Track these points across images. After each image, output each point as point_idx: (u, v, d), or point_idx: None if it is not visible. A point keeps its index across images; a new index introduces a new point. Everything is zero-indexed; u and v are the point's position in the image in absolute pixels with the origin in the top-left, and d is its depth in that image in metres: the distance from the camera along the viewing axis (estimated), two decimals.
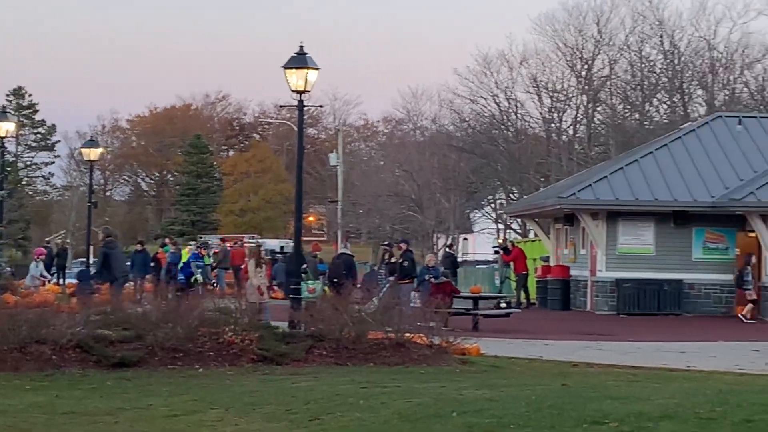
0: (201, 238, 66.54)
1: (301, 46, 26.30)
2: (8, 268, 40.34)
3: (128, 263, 46.19)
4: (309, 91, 26.60)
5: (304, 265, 40.03)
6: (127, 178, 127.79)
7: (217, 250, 52.49)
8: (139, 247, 48.40)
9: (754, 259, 39.24)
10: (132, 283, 43.37)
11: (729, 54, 77.94)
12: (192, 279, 43.67)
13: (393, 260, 41.17)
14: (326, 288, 36.45)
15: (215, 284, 48.13)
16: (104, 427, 15.46)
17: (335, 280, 36.67)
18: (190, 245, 51.65)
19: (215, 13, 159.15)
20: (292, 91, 26.57)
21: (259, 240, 64.31)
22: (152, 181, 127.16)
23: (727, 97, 75.79)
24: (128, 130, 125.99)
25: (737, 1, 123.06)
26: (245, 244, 53.63)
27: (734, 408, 14.48)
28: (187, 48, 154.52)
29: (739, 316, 38.47)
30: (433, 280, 37.01)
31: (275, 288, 46.53)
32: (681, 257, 41.72)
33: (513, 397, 16.68)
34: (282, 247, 65.40)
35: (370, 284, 39.05)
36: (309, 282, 37.58)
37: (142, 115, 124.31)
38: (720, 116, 49.43)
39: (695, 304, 41.19)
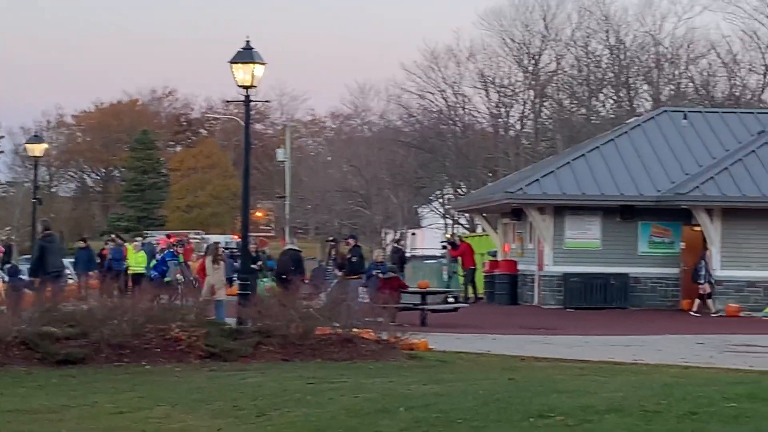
0: (146, 234, 66.19)
1: (248, 41, 26.26)
2: None
3: (71, 260, 46.06)
4: (256, 87, 26.61)
5: (260, 262, 40.06)
6: (72, 174, 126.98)
7: (164, 247, 52.35)
8: (82, 243, 48.12)
9: (709, 254, 39.40)
10: (76, 279, 43.22)
11: (674, 49, 78.55)
12: (166, 278, 43.24)
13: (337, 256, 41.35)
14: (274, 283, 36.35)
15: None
16: (49, 425, 15.38)
17: (283, 275, 36.68)
18: (136, 241, 51.34)
19: (161, 8, 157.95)
20: (239, 86, 26.54)
21: (204, 235, 64.28)
22: (98, 177, 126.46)
23: (672, 92, 76.29)
24: (73, 126, 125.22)
25: None
26: (190, 241, 53.59)
27: (679, 401, 14.59)
28: (133, 43, 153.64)
29: (691, 312, 38.69)
30: (381, 275, 37.12)
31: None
32: (627, 251, 41.94)
33: (461, 392, 16.73)
34: (227, 243, 65.24)
35: (318, 280, 39.03)
36: (265, 279, 37.55)
37: (88, 111, 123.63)
38: (665, 111, 49.71)
39: (641, 297, 41.42)
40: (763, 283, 39.57)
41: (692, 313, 38.25)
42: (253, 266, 37.05)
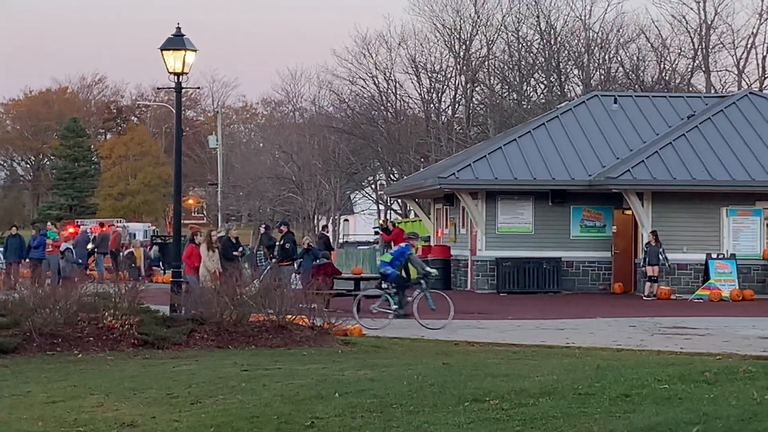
0: (79, 223, 65.70)
1: (179, 28, 26.11)
2: None
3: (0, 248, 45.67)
4: (187, 73, 26.44)
5: (241, 248, 39.96)
6: (1, 163, 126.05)
7: (96, 235, 52.05)
8: (13, 231, 47.72)
9: (653, 238, 39.54)
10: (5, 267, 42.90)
11: (604, 34, 78.99)
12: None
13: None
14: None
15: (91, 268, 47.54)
16: (24, 413, 15.29)
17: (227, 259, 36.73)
18: (69, 230, 51.09)
19: None
20: (170, 73, 26.39)
21: (126, 224, 63.92)
22: (28, 166, 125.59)
23: (602, 77, 76.74)
24: (2, 114, 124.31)
25: None
26: (116, 230, 53.35)
27: (612, 383, 14.69)
28: (61, 28, 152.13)
29: (645, 296, 38.94)
30: (318, 261, 37.18)
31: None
32: (559, 236, 42.16)
33: (395, 377, 16.76)
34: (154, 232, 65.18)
35: (251, 266, 38.95)
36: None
37: (17, 99, 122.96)
38: (596, 95, 49.94)
39: (573, 281, 41.70)
40: (693, 266, 39.93)
41: (645, 297, 38.48)
42: (234, 253, 37.07)
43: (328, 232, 69.41)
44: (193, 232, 39.63)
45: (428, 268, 32.01)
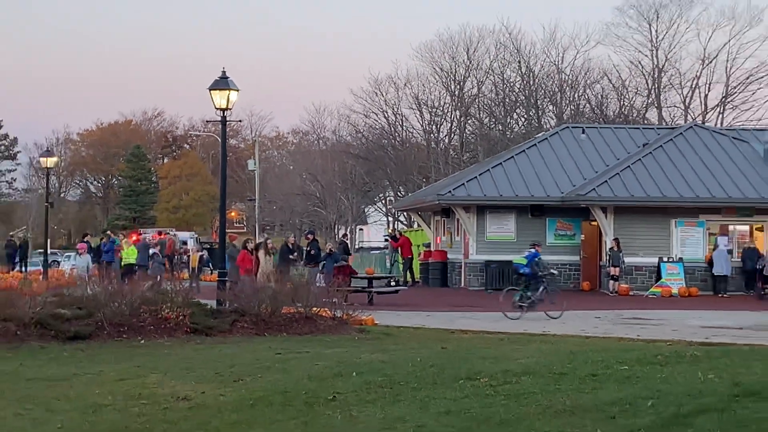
0: (141, 231, 65.69)
1: (224, 71, 26.09)
2: None
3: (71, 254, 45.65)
4: (230, 109, 26.40)
5: (295, 253, 40.00)
6: (78, 182, 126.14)
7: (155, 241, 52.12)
8: (84, 240, 47.73)
9: (615, 244, 39.55)
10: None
11: (574, 76, 78.98)
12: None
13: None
14: None
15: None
16: (62, 390, 15.29)
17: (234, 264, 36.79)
18: (133, 238, 51.05)
19: (152, 39, 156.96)
20: (216, 108, 26.36)
21: (176, 233, 63.85)
22: (99, 185, 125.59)
23: (572, 112, 76.67)
24: (78, 142, 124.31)
25: (580, 32, 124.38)
26: (171, 237, 53.33)
27: (581, 365, 14.69)
28: (127, 70, 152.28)
29: (609, 293, 38.92)
30: (338, 263, 37.27)
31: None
32: (536, 239, 42.01)
33: (402, 359, 16.77)
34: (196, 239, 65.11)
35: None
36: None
37: (90, 129, 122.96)
38: (567, 127, 49.89)
39: (549, 280, 41.61)
40: (648, 267, 39.91)
41: (610, 293, 38.42)
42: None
43: (347, 239, 69.46)
44: (245, 240, 39.75)
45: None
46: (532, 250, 31.42)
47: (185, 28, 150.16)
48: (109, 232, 57.68)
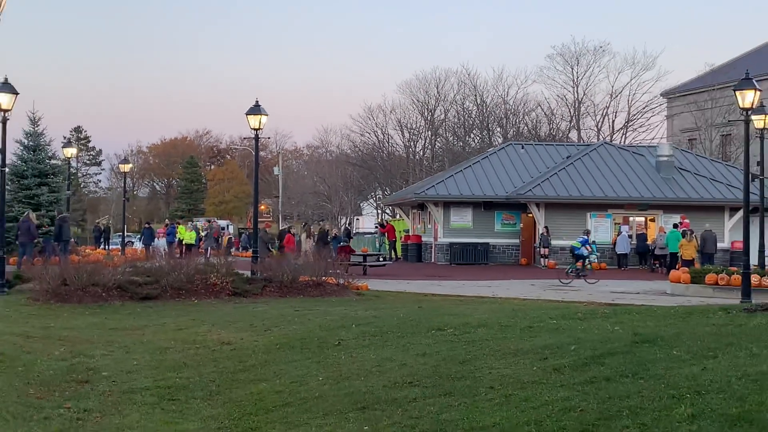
0: (191, 221, 65.49)
1: (257, 101, 26.06)
2: (73, 240, 39.50)
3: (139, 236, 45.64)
4: (262, 129, 26.41)
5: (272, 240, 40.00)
6: (146, 183, 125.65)
7: (206, 227, 52.16)
8: (147, 225, 47.61)
9: (545, 231, 39.71)
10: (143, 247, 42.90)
11: (516, 106, 79.04)
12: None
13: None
14: (273, 249, 36.10)
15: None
16: (136, 337, 15.35)
17: (281, 244, 36.87)
18: (189, 225, 51.04)
19: (203, 72, 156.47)
20: (251, 128, 26.35)
21: (218, 221, 63.59)
22: (162, 185, 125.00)
23: (515, 132, 76.43)
24: (147, 152, 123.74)
25: (520, 73, 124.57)
26: (216, 223, 53.23)
27: (522, 319, 14.74)
28: (183, 95, 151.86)
29: (540, 267, 39.10)
30: (341, 244, 37.48)
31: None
32: (488, 229, 42.09)
33: (388, 315, 16.82)
34: (238, 228, 65.01)
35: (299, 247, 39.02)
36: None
37: (156, 143, 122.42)
38: (511, 144, 49.98)
39: (497, 257, 41.64)
40: (568, 248, 39.96)
41: (541, 267, 38.54)
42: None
43: (350, 226, 69.51)
44: (288, 227, 40.06)
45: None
46: (584, 237, 32.05)
47: (229, 64, 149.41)
48: (168, 220, 57.63)
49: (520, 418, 7.82)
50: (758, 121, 27.93)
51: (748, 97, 21.93)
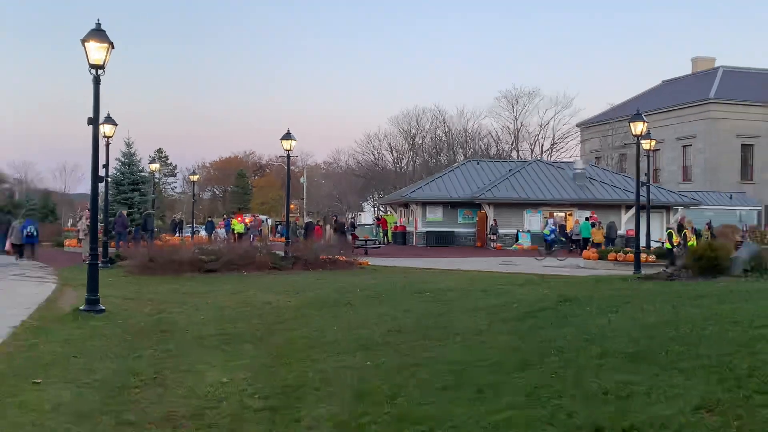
0: (229, 216, 65.24)
1: (288, 130, 25.80)
2: (156, 229, 39.39)
3: (203, 227, 45.57)
4: (292, 150, 26.25)
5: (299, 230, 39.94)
6: (209, 189, 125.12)
7: (252, 221, 52.02)
8: (209, 219, 47.63)
9: (494, 222, 39.75)
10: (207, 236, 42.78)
11: (474, 134, 79.18)
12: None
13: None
14: (300, 237, 36.00)
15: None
16: (202, 299, 15.22)
17: (306, 233, 36.72)
18: (240, 219, 50.85)
19: (250, 108, 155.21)
20: (284, 150, 26.19)
21: (260, 216, 63.26)
22: (220, 190, 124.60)
23: (471, 153, 76.49)
24: (209, 167, 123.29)
25: (476, 110, 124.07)
26: (259, 218, 52.96)
27: (478, 286, 14.73)
28: (235, 125, 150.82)
29: (488, 247, 39.05)
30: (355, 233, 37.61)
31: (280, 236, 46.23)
32: (453, 221, 42.02)
33: (384, 282, 16.79)
34: (275, 221, 64.77)
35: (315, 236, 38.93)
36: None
37: (215, 161, 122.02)
38: (469, 161, 49.91)
39: (459, 241, 41.55)
40: (511, 234, 40.00)
41: (491, 249, 38.51)
42: (345, 230, 37.76)
43: (355, 220, 69.45)
44: (317, 220, 39.91)
45: (562, 238, 33.95)
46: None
47: (271, 100, 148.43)
48: (225, 215, 57.49)
49: (478, 356, 7.80)
50: (645, 144, 27.98)
51: (638, 127, 22.26)
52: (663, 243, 26.23)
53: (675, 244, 22.55)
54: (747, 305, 8.48)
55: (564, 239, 34.39)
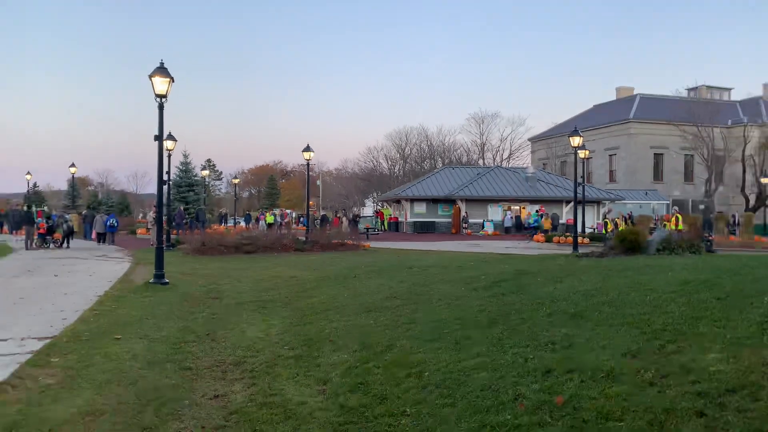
0: (264, 210, 65.04)
1: (308, 144, 25.73)
2: (207, 221, 39.31)
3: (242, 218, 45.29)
4: (311, 159, 26.13)
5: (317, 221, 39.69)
6: (247, 190, 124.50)
7: (280, 214, 51.75)
8: (247, 213, 47.51)
9: (466, 214, 39.66)
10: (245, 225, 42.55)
11: (449, 146, 79.11)
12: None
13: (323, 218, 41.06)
14: (317, 226, 35.78)
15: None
16: (243, 273, 15.11)
17: (322, 223, 36.54)
18: (271, 213, 50.57)
19: (277, 125, 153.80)
20: (305, 159, 26.02)
21: (286, 210, 62.81)
22: (255, 191, 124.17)
23: (448, 161, 76.44)
24: (246, 173, 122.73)
25: (452, 128, 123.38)
26: (285, 212, 52.63)
27: (454, 262, 14.69)
28: (267, 139, 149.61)
29: (461, 233, 38.90)
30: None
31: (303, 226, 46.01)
32: (434, 213, 41.76)
33: (382, 261, 16.72)
34: (298, 214, 64.49)
35: (329, 226, 38.74)
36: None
37: (252, 168, 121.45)
38: (446, 167, 49.63)
39: (439, 229, 41.27)
40: (479, 223, 39.90)
41: (463, 234, 38.34)
42: (357, 222, 37.70)
43: (358, 214, 69.18)
44: (335, 212, 39.57)
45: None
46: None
47: (294, 117, 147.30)
48: (260, 210, 57.14)
49: (456, 315, 7.78)
50: (582, 153, 27.94)
51: (576, 140, 22.25)
52: (595, 229, 26.24)
53: (609, 230, 22.59)
54: (660, 276, 8.47)
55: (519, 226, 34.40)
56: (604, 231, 23.39)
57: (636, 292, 7.37)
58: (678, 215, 23.57)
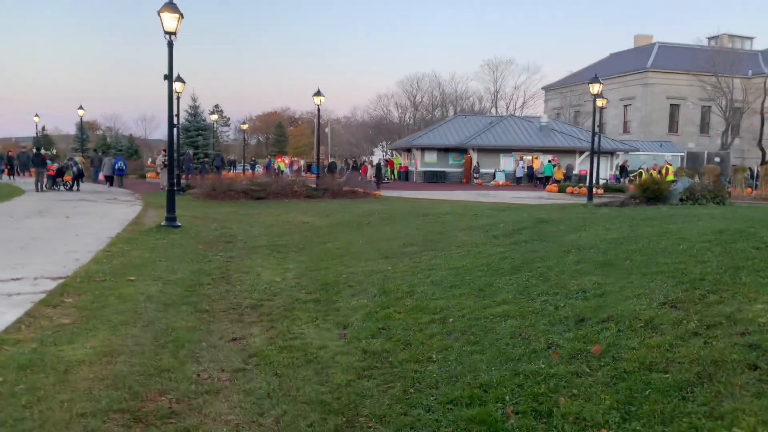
0: (273, 158, 64.48)
1: (318, 88, 25.14)
2: (219, 166, 39.11)
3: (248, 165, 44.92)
4: (321, 104, 25.55)
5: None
6: (255, 136, 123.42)
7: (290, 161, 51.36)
8: (252, 160, 47.08)
9: (477, 165, 39.17)
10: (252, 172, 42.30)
11: (462, 94, 77.55)
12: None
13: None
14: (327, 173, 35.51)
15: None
16: (255, 219, 14.97)
17: (331, 171, 36.22)
18: (281, 159, 50.17)
19: (287, 69, 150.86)
20: (315, 104, 25.45)
21: (295, 158, 62.39)
22: (264, 138, 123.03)
23: (460, 108, 74.94)
24: (254, 120, 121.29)
25: (465, 75, 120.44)
26: (295, 159, 52.27)
27: (470, 211, 14.42)
28: (276, 84, 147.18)
29: (472, 183, 38.52)
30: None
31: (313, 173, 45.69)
32: (445, 162, 41.25)
33: (395, 209, 16.50)
34: (307, 163, 64.00)
35: (343, 173, 38.41)
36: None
37: (260, 114, 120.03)
38: (458, 116, 48.66)
39: (451, 178, 40.89)
40: (491, 173, 39.44)
41: (475, 184, 37.98)
42: (381, 170, 35.82)
43: (372, 161, 68.67)
44: (354, 160, 39.03)
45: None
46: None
47: (303, 62, 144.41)
48: (267, 157, 56.73)
49: (477, 262, 7.55)
50: (600, 101, 27.10)
51: (596, 88, 21.58)
52: (608, 180, 25.71)
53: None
54: (689, 225, 8.14)
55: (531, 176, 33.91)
56: (637, 181, 22.99)
57: (666, 240, 7.06)
58: (668, 165, 23.08)
